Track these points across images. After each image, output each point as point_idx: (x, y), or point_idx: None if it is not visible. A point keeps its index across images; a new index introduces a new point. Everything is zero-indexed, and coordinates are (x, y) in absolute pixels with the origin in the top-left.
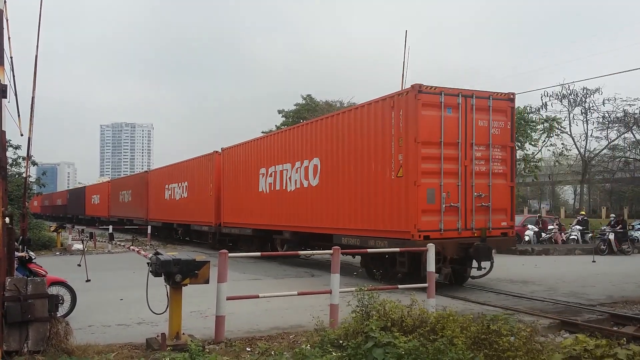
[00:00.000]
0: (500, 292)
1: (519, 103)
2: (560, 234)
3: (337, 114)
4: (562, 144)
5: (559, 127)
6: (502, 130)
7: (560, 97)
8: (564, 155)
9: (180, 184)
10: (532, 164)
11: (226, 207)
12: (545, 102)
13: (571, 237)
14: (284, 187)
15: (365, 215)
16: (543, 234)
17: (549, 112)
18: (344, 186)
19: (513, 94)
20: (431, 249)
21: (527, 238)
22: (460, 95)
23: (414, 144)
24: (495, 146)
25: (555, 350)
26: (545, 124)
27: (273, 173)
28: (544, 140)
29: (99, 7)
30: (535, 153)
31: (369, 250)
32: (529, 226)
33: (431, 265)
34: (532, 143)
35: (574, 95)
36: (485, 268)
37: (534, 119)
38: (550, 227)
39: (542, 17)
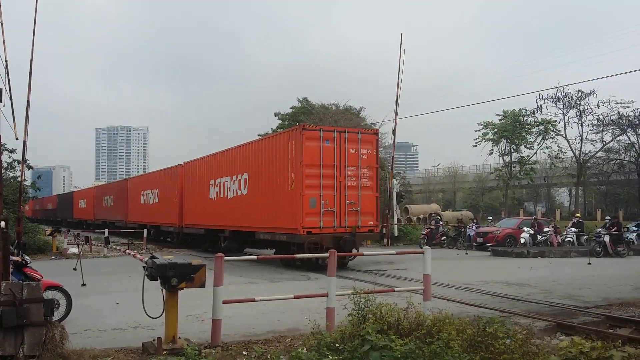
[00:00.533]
0: (496, 294)
1: (514, 106)
2: (556, 236)
3: (257, 140)
4: (557, 146)
5: (554, 130)
6: (369, 156)
7: (555, 99)
8: (559, 157)
9: (152, 190)
10: (527, 166)
11: (187, 211)
12: (540, 105)
13: (567, 239)
14: (225, 195)
15: (273, 217)
16: (539, 237)
17: (544, 114)
18: (262, 195)
19: (377, 130)
20: (427, 252)
21: (522, 240)
22: (335, 131)
23: (299, 166)
24: (363, 167)
25: (551, 352)
26: (540, 127)
27: (219, 184)
28: (539, 143)
29: (93, 10)
30: (531, 156)
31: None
32: (525, 229)
33: (427, 268)
34: (528, 146)
35: (568, 97)
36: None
37: (529, 121)
38: (545, 229)
39: (537, 22)
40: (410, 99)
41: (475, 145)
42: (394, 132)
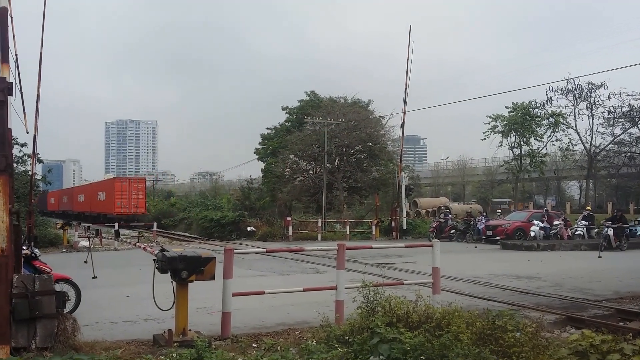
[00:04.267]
0: (505, 287)
1: (524, 98)
2: (566, 229)
3: (94, 183)
4: (568, 139)
5: (565, 122)
6: (143, 193)
7: (565, 92)
8: (570, 150)
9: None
10: (537, 159)
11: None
12: (550, 97)
13: (577, 232)
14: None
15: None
16: (549, 230)
17: (554, 107)
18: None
19: (145, 178)
20: (436, 245)
21: (532, 234)
22: (130, 180)
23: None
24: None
25: (561, 345)
26: (550, 119)
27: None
28: (550, 136)
29: (97, 4)
30: (541, 148)
31: None
32: (535, 222)
33: (437, 261)
34: (537, 138)
35: (579, 90)
36: None
37: (539, 114)
38: (556, 222)
39: (546, 13)
40: (419, 92)
41: (485, 138)
42: (402, 125)
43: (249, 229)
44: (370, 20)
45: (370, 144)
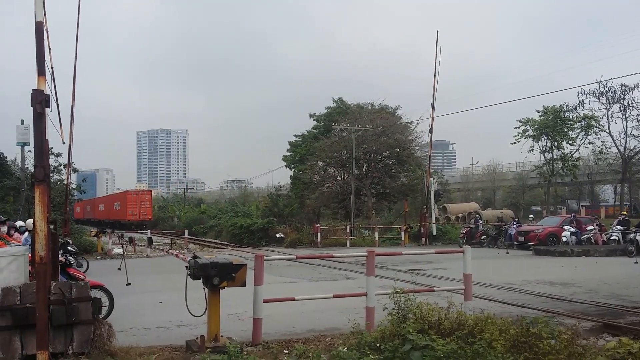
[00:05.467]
0: (539, 294)
1: (554, 101)
2: (601, 234)
3: (111, 195)
4: (601, 142)
5: (597, 125)
6: (149, 203)
7: (597, 94)
8: (603, 153)
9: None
10: (570, 163)
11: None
12: (582, 100)
13: (612, 237)
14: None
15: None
16: (580, 235)
17: (587, 110)
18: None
19: (150, 191)
20: (468, 251)
21: (564, 239)
22: (139, 193)
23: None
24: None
25: (598, 353)
26: (582, 123)
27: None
28: (582, 139)
29: (126, 16)
30: (573, 152)
31: None
32: (565, 227)
33: (468, 267)
34: (570, 142)
35: (612, 92)
36: None
37: (570, 117)
38: (589, 227)
39: (578, 16)
40: (447, 95)
41: (515, 143)
42: (430, 131)
43: (277, 235)
44: (397, 25)
45: (398, 149)
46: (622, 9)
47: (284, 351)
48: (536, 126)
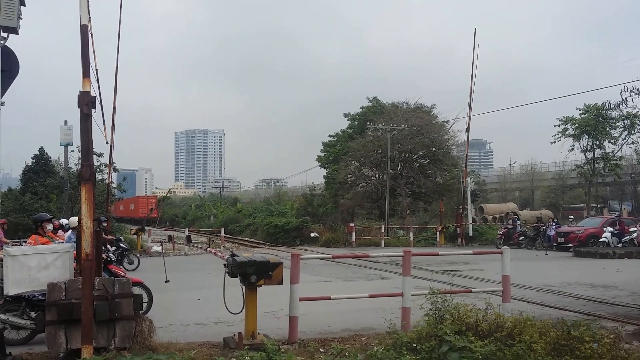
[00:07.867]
0: (580, 297)
1: (596, 100)
2: None
3: (129, 198)
4: None
5: None
6: (155, 205)
7: None
8: None
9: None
10: (612, 162)
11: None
12: (625, 98)
13: None
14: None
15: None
16: (622, 237)
17: (630, 107)
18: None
19: (156, 196)
20: (506, 252)
21: (604, 240)
22: (147, 197)
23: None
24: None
25: None
26: (625, 121)
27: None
28: (624, 138)
29: (162, 19)
30: (616, 151)
31: None
32: (605, 228)
33: (506, 269)
34: (612, 141)
35: None
36: None
37: (613, 115)
38: (633, 229)
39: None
40: (483, 95)
41: (555, 142)
42: (467, 130)
43: (312, 234)
44: (433, 21)
45: (433, 149)
46: None
47: (320, 350)
48: (577, 125)
